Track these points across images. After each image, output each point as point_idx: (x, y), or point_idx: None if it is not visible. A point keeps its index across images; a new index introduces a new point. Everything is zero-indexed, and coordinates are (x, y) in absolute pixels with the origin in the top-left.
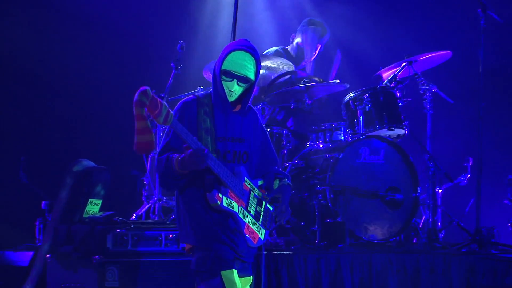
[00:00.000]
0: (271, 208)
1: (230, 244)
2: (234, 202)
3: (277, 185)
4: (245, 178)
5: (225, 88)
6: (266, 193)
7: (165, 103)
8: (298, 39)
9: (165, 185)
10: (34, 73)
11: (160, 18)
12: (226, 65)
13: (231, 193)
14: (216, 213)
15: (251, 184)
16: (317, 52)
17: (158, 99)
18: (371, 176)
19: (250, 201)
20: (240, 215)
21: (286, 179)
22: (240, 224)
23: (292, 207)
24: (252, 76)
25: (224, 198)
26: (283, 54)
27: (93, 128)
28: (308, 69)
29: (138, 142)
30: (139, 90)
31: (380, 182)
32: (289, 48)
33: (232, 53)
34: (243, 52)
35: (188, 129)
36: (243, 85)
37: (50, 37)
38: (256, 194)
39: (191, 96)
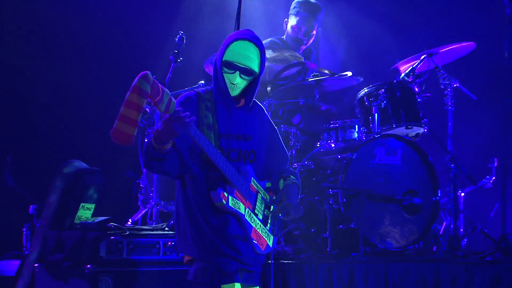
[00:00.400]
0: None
1: (233, 254)
2: (241, 203)
3: (282, 185)
4: (252, 178)
5: (226, 81)
6: (274, 197)
7: (167, 90)
8: (292, 23)
9: (148, 167)
10: (20, 67)
11: (157, 7)
12: (227, 56)
13: (237, 193)
14: (215, 220)
15: (258, 185)
16: (315, 32)
17: (159, 84)
18: (387, 178)
19: (257, 203)
20: (246, 217)
21: (291, 177)
22: (246, 228)
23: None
24: (256, 68)
25: (230, 197)
26: (279, 44)
27: (85, 127)
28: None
29: (116, 129)
30: (139, 74)
31: (397, 185)
32: (284, 36)
33: (235, 43)
34: (246, 42)
35: None
36: (247, 78)
37: (37, 28)
38: (264, 196)
39: (192, 91)
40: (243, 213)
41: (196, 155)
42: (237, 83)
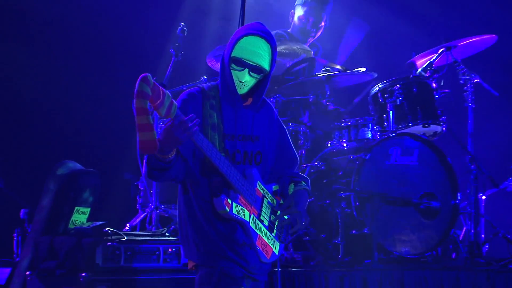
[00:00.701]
0: (286, 218)
1: (239, 261)
2: (245, 210)
3: (292, 190)
4: (258, 182)
5: (234, 78)
6: (281, 201)
7: (168, 92)
8: (299, 13)
9: (151, 177)
10: (8, 64)
11: None
12: (236, 52)
13: (242, 199)
14: (221, 225)
15: (264, 189)
16: (323, 24)
17: (160, 87)
18: (403, 180)
19: (263, 209)
20: (251, 225)
21: (303, 183)
22: (251, 235)
23: (311, 217)
24: (266, 66)
25: (234, 204)
26: (286, 36)
27: (79, 125)
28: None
29: (141, 141)
30: (139, 78)
31: (413, 187)
32: (290, 29)
33: (244, 38)
34: (257, 37)
35: None
36: (256, 76)
37: (27, 24)
38: (270, 201)
39: (196, 87)
40: (248, 220)
41: (198, 159)
42: (245, 81)
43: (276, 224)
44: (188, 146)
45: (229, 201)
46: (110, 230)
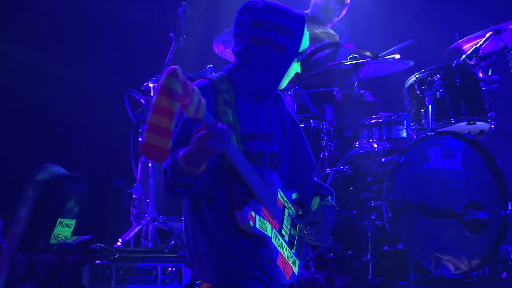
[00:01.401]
0: (310, 233)
1: (265, 280)
2: (268, 223)
3: (316, 205)
4: (279, 189)
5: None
6: (300, 211)
7: (196, 88)
8: None
9: (173, 195)
10: None
11: None
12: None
13: (264, 211)
14: (245, 240)
15: (285, 198)
16: (349, 0)
17: (189, 82)
18: (444, 187)
19: (284, 221)
20: (273, 241)
21: (329, 198)
22: (273, 253)
23: (336, 230)
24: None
25: (257, 217)
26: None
27: (63, 124)
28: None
29: (146, 142)
30: (166, 71)
31: (456, 195)
32: (309, 10)
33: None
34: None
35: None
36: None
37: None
38: (291, 212)
39: (204, 79)
40: (270, 236)
41: (214, 165)
42: (293, 72)
43: (296, 239)
44: None
45: (253, 214)
46: (99, 245)
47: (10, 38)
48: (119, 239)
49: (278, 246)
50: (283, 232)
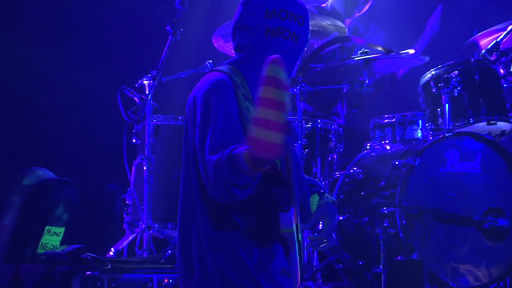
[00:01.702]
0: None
1: None
2: (295, 227)
3: (316, 203)
4: None
5: None
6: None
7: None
8: None
9: (229, 197)
10: None
11: None
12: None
13: (294, 213)
14: (259, 251)
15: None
16: None
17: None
18: (461, 192)
19: (298, 225)
20: (297, 246)
21: (326, 194)
22: (295, 261)
23: (346, 239)
24: None
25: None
26: (313, 11)
27: (51, 124)
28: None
29: (256, 139)
30: (271, 61)
31: (475, 201)
32: (328, 3)
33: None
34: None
35: (233, 123)
36: None
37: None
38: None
39: (217, 73)
40: (296, 241)
41: None
42: None
43: (301, 245)
44: None
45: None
46: (89, 255)
47: None
48: (112, 249)
49: (297, 251)
50: (298, 237)
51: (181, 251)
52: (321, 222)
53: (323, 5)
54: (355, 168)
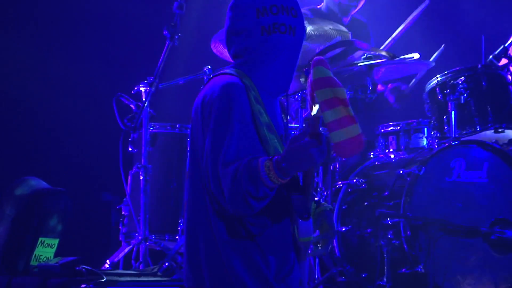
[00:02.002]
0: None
1: None
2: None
3: (313, 211)
4: None
5: None
6: None
7: None
8: None
9: (248, 209)
10: None
11: None
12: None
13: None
14: (277, 262)
15: None
16: None
17: None
18: (468, 202)
19: None
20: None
21: (322, 201)
22: (305, 271)
23: (348, 250)
24: None
25: None
26: (308, 15)
27: (45, 132)
28: None
29: (336, 143)
30: (314, 61)
31: (482, 212)
32: (323, 5)
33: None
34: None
35: (248, 130)
36: None
37: None
38: None
39: (227, 75)
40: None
41: None
42: None
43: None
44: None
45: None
46: (84, 268)
47: None
48: (107, 261)
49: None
50: None
51: (188, 262)
52: (317, 231)
53: (318, 6)
54: (358, 178)
